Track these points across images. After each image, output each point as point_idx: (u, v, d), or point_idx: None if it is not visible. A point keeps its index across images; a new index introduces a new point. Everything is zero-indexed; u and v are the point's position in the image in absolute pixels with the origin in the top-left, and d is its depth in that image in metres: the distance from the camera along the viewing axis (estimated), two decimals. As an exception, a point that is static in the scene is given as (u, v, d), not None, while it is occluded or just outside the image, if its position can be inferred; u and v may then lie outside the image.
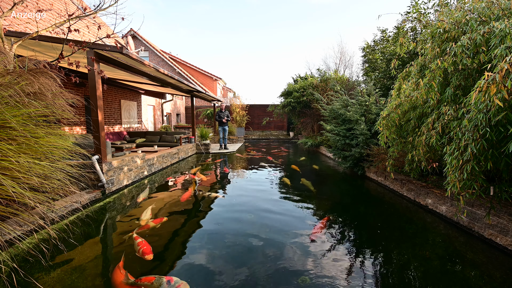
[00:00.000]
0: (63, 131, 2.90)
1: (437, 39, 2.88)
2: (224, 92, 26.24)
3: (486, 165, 2.13)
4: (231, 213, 3.62)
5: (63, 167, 2.57)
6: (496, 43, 2.17)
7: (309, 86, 12.00)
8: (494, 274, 2.21)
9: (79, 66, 3.07)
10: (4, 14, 3.08)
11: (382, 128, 3.80)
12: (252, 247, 2.63)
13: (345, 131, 6.20)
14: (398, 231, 3.17)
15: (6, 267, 2.15)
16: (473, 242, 2.79)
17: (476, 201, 3.08)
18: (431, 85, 2.78)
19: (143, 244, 2.58)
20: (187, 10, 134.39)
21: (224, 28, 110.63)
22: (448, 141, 2.52)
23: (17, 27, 5.01)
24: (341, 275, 2.17)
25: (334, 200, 4.47)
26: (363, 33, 38.36)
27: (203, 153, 9.65)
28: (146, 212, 3.49)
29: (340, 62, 15.53)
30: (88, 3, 11.47)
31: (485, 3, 2.65)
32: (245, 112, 15.93)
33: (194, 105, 9.87)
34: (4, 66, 2.63)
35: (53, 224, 2.99)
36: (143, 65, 4.84)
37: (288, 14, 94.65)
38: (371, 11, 46.57)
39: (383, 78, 7.56)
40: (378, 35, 8.24)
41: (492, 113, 1.93)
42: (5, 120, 2.20)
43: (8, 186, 1.98)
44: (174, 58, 20.71)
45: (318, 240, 2.79)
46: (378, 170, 5.30)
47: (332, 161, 8.17)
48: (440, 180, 4.16)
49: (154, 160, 6.15)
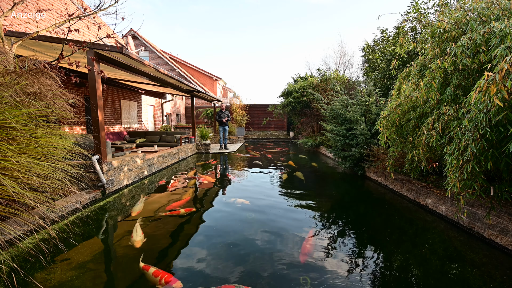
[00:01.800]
0: (63, 131, 2.91)
1: (437, 39, 2.88)
2: (224, 92, 26.24)
3: (486, 165, 2.13)
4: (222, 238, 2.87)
5: (63, 167, 2.57)
6: (496, 43, 2.17)
7: (309, 86, 12.00)
8: (494, 274, 2.21)
9: (79, 66, 3.07)
10: (4, 14, 3.08)
11: (382, 128, 3.80)
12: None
13: (345, 131, 6.20)
14: (398, 231, 3.17)
15: (6, 267, 2.15)
16: (473, 242, 2.79)
17: (476, 201, 3.08)
18: (431, 85, 2.78)
19: (160, 273, 2.14)
20: (186, 10, 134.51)
21: (223, 28, 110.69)
22: (448, 141, 2.52)
23: (17, 27, 5.01)
24: (341, 275, 2.17)
25: (334, 200, 4.46)
26: (363, 33, 38.39)
27: (203, 153, 9.65)
28: (137, 232, 2.93)
29: (340, 62, 15.54)
30: (88, 3, 11.47)
31: (485, 3, 2.64)
32: (245, 112, 15.93)
33: (194, 105, 9.87)
34: (4, 66, 2.63)
35: (53, 224, 2.98)
36: (143, 65, 4.84)
37: (287, 14, 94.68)
38: (371, 11, 46.59)
39: (383, 78, 7.56)
40: (378, 35, 8.24)
41: (492, 113, 1.93)
42: (5, 120, 2.20)
43: (8, 186, 1.98)
44: (174, 58, 20.71)
45: (316, 239, 2.79)
46: (378, 170, 5.30)
47: (332, 161, 8.16)
48: (440, 180, 4.16)
49: (154, 160, 6.15)
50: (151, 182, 5.35)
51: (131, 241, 2.73)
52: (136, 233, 2.91)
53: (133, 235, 2.87)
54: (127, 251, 2.54)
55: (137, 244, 2.67)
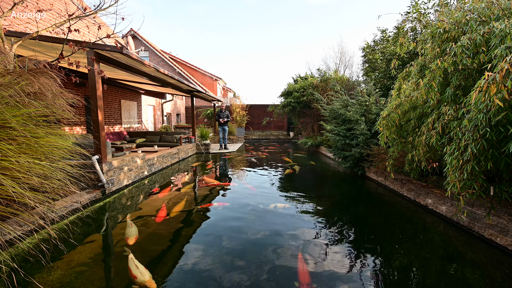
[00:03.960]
0: (63, 131, 2.90)
1: (437, 39, 2.88)
2: (224, 92, 26.24)
3: (486, 165, 2.13)
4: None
5: (63, 167, 2.57)
6: (496, 43, 2.17)
7: (309, 86, 12.00)
8: (494, 274, 2.21)
9: (79, 66, 3.07)
10: (4, 14, 3.08)
11: (382, 128, 3.80)
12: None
13: (345, 131, 6.20)
14: (398, 231, 3.17)
15: (6, 267, 2.14)
16: (473, 242, 2.79)
17: (476, 201, 3.08)
18: (431, 85, 2.78)
19: None
20: (185, 11, 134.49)
21: (223, 28, 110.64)
22: (448, 141, 2.52)
23: (17, 27, 5.01)
24: (341, 275, 2.17)
25: (334, 200, 4.47)
26: (363, 33, 38.39)
27: (203, 153, 9.65)
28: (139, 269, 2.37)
29: (340, 62, 15.54)
30: (88, 3, 11.47)
31: (485, 3, 2.64)
32: (245, 112, 15.92)
33: (194, 105, 9.87)
34: (4, 66, 2.63)
35: (53, 224, 2.98)
36: (143, 65, 4.84)
37: (287, 14, 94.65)
38: (371, 11, 46.54)
39: (383, 78, 7.56)
40: (378, 35, 8.24)
41: (492, 113, 1.93)
42: (5, 120, 2.20)
43: (8, 186, 1.98)
44: (174, 58, 20.71)
45: (316, 239, 2.79)
46: (378, 170, 5.30)
47: (332, 161, 8.16)
48: (440, 180, 4.16)
49: (154, 160, 6.15)
50: (151, 182, 5.35)
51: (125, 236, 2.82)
52: (129, 229, 2.98)
53: (126, 231, 2.94)
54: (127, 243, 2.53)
55: (131, 241, 2.71)
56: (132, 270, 2.18)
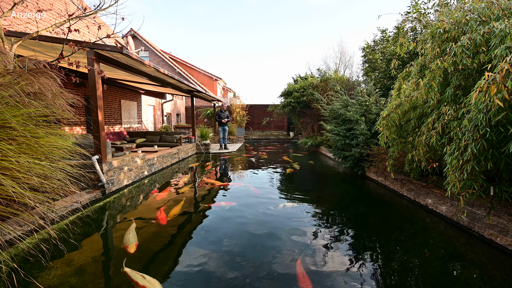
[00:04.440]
0: (63, 131, 2.90)
1: (437, 39, 2.88)
2: (224, 92, 26.24)
3: (486, 165, 2.13)
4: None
5: (63, 167, 2.57)
6: (496, 43, 2.17)
7: (309, 86, 12.00)
8: (494, 274, 2.21)
9: (79, 66, 3.07)
10: (4, 14, 3.08)
11: (382, 128, 3.80)
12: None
13: (345, 131, 6.20)
14: (398, 231, 3.17)
15: (6, 267, 2.15)
16: (473, 242, 2.79)
17: (476, 201, 3.08)
18: (431, 85, 2.78)
19: None
20: (185, 11, 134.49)
21: (223, 28, 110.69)
22: (448, 141, 2.52)
23: (17, 27, 5.01)
24: (340, 275, 2.17)
25: (334, 200, 4.46)
26: (363, 33, 38.40)
27: (203, 153, 9.65)
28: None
29: (340, 62, 15.54)
30: (88, 3, 11.47)
31: (485, 3, 2.64)
32: (245, 112, 15.92)
33: (194, 105, 9.87)
34: (4, 66, 2.63)
35: (53, 224, 2.98)
36: (143, 65, 4.84)
37: (287, 14, 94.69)
38: (371, 11, 46.57)
39: (383, 78, 7.56)
40: (378, 35, 8.24)
41: (492, 113, 1.93)
42: (5, 120, 2.20)
43: (8, 186, 1.98)
44: (174, 58, 20.71)
45: (316, 240, 2.79)
46: (378, 170, 5.30)
47: (332, 161, 8.16)
48: (440, 180, 4.16)
49: (154, 160, 6.15)
50: (151, 182, 5.35)
51: (123, 243, 2.66)
52: (129, 235, 2.79)
53: (124, 238, 2.76)
54: (127, 251, 2.53)
55: (131, 249, 2.55)
56: (139, 282, 2.08)
